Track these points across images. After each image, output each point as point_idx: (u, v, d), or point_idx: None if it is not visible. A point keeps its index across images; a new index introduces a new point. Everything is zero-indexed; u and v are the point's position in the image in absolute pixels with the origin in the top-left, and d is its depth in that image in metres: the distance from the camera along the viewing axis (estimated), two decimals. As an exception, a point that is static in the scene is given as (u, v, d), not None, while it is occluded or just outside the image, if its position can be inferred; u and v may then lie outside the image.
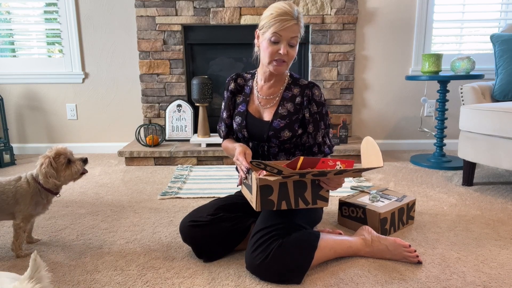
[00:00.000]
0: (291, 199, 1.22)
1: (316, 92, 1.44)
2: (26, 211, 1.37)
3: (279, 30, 1.30)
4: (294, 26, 1.31)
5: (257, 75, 1.52)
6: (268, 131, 1.43)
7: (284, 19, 1.29)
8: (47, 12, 3.11)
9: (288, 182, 1.20)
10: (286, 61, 1.36)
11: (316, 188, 1.24)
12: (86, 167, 1.47)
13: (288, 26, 1.30)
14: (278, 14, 1.30)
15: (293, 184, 1.21)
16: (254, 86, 1.51)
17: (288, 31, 1.31)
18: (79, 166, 1.42)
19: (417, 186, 2.23)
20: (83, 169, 1.44)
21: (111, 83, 3.16)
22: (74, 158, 1.43)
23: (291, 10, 1.31)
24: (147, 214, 1.83)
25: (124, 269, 1.32)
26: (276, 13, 1.31)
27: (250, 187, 1.26)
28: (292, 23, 1.30)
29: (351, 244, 1.37)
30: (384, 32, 3.07)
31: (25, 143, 3.25)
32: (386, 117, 3.23)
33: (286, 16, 1.29)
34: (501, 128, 1.91)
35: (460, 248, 1.45)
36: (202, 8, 2.93)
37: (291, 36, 1.32)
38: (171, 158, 2.79)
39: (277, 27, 1.30)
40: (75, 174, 1.41)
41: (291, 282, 1.21)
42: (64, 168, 1.39)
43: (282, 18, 1.29)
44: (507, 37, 2.33)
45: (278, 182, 1.19)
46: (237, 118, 1.50)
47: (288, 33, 1.31)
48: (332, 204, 1.92)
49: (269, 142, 1.44)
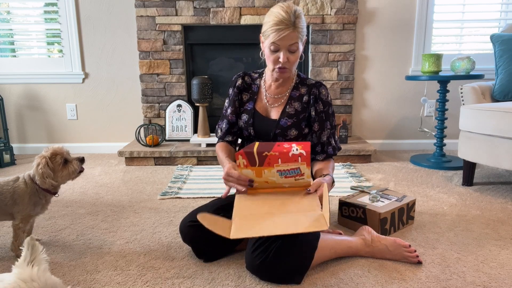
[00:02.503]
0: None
1: (323, 91, 1.47)
2: (24, 212, 1.37)
3: (276, 40, 1.31)
4: (291, 34, 1.30)
5: (265, 75, 1.54)
6: (275, 129, 1.44)
7: (279, 28, 1.29)
8: (47, 12, 3.11)
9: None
10: (288, 67, 1.37)
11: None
12: (84, 166, 1.46)
13: (284, 36, 1.30)
14: (274, 23, 1.30)
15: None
16: (262, 85, 1.53)
17: (284, 40, 1.31)
18: (76, 166, 1.41)
19: (417, 186, 2.22)
20: (80, 168, 1.43)
21: (111, 83, 3.16)
22: (71, 157, 1.42)
23: (287, 17, 1.29)
24: (147, 214, 1.83)
25: (124, 269, 1.32)
26: (273, 22, 1.30)
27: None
28: (287, 32, 1.29)
29: (351, 244, 1.37)
30: (384, 32, 3.07)
31: (25, 143, 3.25)
32: (386, 117, 3.23)
33: (282, 25, 1.29)
34: (501, 128, 1.91)
35: (460, 248, 1.45)
36: (202, 8, 2.93)
37: (289, 44, 1.32)
38: (171, 158, 2.79)
39: (273, 37, 1.31)
40: (72, 173, 1.41)
41: (291, 282, 1.21)
42: (61, 168, 1.38)
43: (278, 27, 1.29)
44: (507, 37, 2.33)
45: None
46: (244, 116, 1.51)
47: (285, 41, 1.31)
48: (332, 204, 1.92)
49: (275, 141, 1.45)
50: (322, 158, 1.48)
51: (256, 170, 1.23)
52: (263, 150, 1.20)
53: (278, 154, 1.20)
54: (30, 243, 0.76)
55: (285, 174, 1.23)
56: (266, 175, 1.25)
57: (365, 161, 2.80)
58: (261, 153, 1.20)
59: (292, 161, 1.20)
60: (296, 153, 1.18)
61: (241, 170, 1.24)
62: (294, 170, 1.22)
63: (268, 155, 1.20)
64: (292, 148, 1.19)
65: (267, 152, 1.20)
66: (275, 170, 1.22)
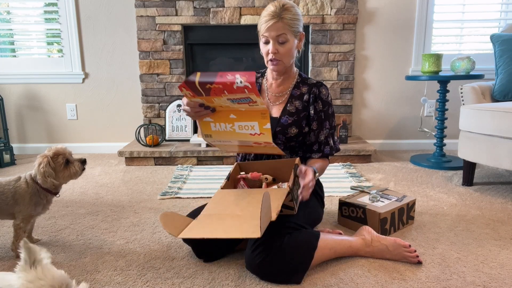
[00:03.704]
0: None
1: (323, 91, 1.49)
2: (25, 212, 1.37)
3: (264, 32, 1.38)
4: (276, 24, 1.35)
5: (267, 74, 1.57)
6: (275, 127, 1.45)
7: (266, 19, 1.36)
8: (47, 12, 3.11)
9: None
10: (280, 59, 1.40)
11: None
12: (85, 166, 1.47)
13: (270, 26, 1.35)
14: (263, 17, 1.38)
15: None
16: (264, 83, 1.57)
17: (270, 30, 1.36)
18: (78, 168, 1.41)
19: (417, 186, 2.23)
20: (81, 170, 1.44)
21: (111, 83, 3.16)
22: (73, 158, 1.42)
23: (274, 9, 1.35)
24: (147, 214, 1.83)
25: (124, 269, 1.32)
26: (263, 16, 1.38)
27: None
28: (272, 22, 1.34)
29: (351, 244, 1.37)
30: (384, 32, 3.07)
31: (25, 143, 3.25)
32: (386, 117, 3.23)
33: (268, 17, 1.36)
34: (501, 128, 1.91)
35: (460, 248, 1.45)
36: (202, 8, 2.93)
37: (276, 35, 1.36)
38: (171, 158, 2.79)
39: (262, 29, 1.38)
40: (73, 175, 1.41)
41: (291, 282, 1.21)
42: (63, 169, 1.38)
43: (265, 19, 1.36)
44: (507, 37, 2.33)
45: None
46: None
47: (272, 32, 1.36)
48: (332, 204, 1.92)
49: (275, 139, 1.45)
50: (317, 157, 1.49)
51: (205, 99, 1.19)
52: (205, 80, 1.12)
53: (222, 87, 1.12)
54: (26, 246, 0.76)
55: (237, 101, 1.17)
56: (218, 102, 1.19)
57: (365, 161, 2.80)
58: (204, 84, 1.13)
59: (238, 92, 1.13)
60: (241, 85, 1.10)
61: (190, 99, 1.20)
62: (244, 98, 1.16)
63: (211, 88, 1.12)
64: (236, 79, 1.09)
65: (210, 85, 1.12)
66: (225, 98, 1.16)
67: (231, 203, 1.24)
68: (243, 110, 1.22)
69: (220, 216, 1.19)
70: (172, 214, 1.20)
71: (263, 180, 1.41)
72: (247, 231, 1.08)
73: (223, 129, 1.29)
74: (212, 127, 1.30)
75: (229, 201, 1.26)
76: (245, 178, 1.43)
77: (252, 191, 1.32)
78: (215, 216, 1.20)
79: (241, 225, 1.11)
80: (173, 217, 1.20)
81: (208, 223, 1.17)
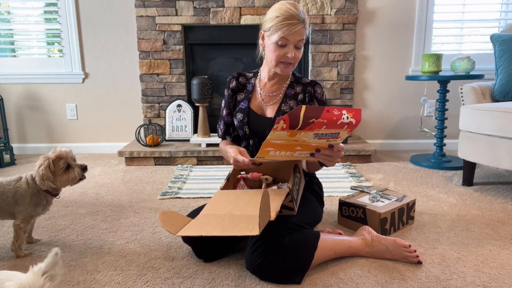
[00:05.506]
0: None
1: (318, 90, 1.48)
2: (25, 212, 1.37)
3: (287, 35, 1.31)
4: (302, 29, 1.32)
5: (261, 73, 1.54)
6: (270, 127, 1.44)
7: (291, 23, 1.29)
8: (47, 12, 3.11)
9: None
10: (293, 63, 1.38)
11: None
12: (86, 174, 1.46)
13: (296, 31, 1.31)
14: (285, 18, 1.29)
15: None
16: (257, 83, 1.54)
17: (295, 35, 1.32)
18: (77, 174, 1.40)
19: (417, 186, 2.22)
20: (81, 176, 1.43)
21: (111, 83, 3.16)
22: (74, 164, 1.41)
23: (297, 12, 1.30)
24: (147, 214, 1.83)
25: (124, 269, 1.32)
26: (283, 17, 1.30)
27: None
28: (299, 27, 1.31)
29: (351, 244, 1.37)
30: (384, 32, 3.07)
31: (25, 143, 3.25)
32: (386, 117, 3.23)
33: (294, 20, 1.29)
34: (501, 128, 1.91)
35: (460, 248, 1.45)
36: (202, 8, 2.93)
37: (298, 40, 1.33)
38: (171, 158, 2.79)
39: (284, 31, 1.30)
40: (72, 180, 1.40)
41: (291, 282, 1.21)
42: (62, 173, 1.37)
43: (290, 22, 1.29)
44: (507, 37, 2.33)
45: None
46: (239, 115, 1.51)
47: (295, 37, 1.32)
48: (332, 204, 1.92)
49: None
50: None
51: (292, 132, 1.09)
52: (310, 115, 1.07)
53: (325, 122, 1.07)
54: (55, 258, 0.75)
55: (320, 137, 1.13)
56: (299, 136, 1.13)
57: (365, 161, 2.80)
58: (308, 118, 1.07)
59: (337, 127, 1.10)
60: (346, 121, 1.07)
61: (274, 132, 1.10)
62: (332, 134, 1.13)
63: (315, 122, 1.06)
64: (342, 116, 1.07)
65: (314, 119, 1.07)
66: (312, 133, 1.10)
67: (230, 203, 1.24)
68: (313, 145, 1.18)
69: (219, 215, 1.20)
70: (171, 213, 1.21)
71: (263, 180, 1.41)
72: (246, 229, 1.07)
73: (280, 154, 1.23)
74: (271, 153, 1.22)
75: (229, 201, 1.27)
76: (245, 178, 1.44)
77: (251, 192, 1.32)
78: (214, 215, 1.21)
79: (240, 223, 1.12)
80: (172, 215, 1.20)
81: (206, 221, 1.18)
